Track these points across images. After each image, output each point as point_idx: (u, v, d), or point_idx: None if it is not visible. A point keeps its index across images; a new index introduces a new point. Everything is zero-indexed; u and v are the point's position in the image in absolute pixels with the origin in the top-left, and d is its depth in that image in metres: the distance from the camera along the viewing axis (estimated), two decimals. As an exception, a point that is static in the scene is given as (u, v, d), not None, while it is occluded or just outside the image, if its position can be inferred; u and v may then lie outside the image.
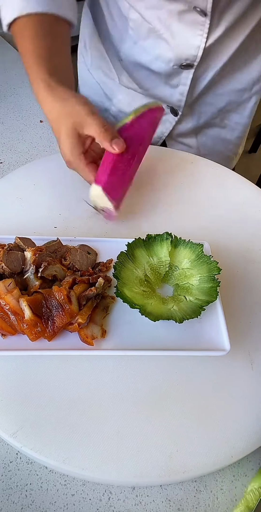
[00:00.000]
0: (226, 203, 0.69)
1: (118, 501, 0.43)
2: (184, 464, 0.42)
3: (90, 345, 0.46)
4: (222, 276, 0.53)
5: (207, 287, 0.51)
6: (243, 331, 0.52)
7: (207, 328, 0.50)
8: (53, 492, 0.44)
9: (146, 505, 0.43)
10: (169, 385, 0.47)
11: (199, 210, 0.67)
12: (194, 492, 0.44)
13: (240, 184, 0.73)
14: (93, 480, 0.43)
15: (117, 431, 0.43)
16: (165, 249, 0.55)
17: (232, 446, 0.43)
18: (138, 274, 0.53)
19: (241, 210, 0.68)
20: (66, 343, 0.47)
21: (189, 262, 0.54)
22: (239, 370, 0.49)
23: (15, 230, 0.59)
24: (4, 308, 0.45)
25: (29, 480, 0.44)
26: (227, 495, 0.44)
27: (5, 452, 0.46)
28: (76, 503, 0.43)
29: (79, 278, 0.50)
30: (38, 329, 0.45)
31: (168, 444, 0.43)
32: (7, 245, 0.52)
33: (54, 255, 0.53)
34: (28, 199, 0.65)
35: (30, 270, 0.50)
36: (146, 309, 0.47)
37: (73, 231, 0.60)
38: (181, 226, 0.63)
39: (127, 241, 0.54)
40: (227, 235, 0.63)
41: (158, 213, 0.65)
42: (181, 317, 0.47)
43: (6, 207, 0.63)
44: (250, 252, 0.62)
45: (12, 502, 0.43)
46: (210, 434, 0.44)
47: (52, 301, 0.46)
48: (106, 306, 0.51)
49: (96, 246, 0.57)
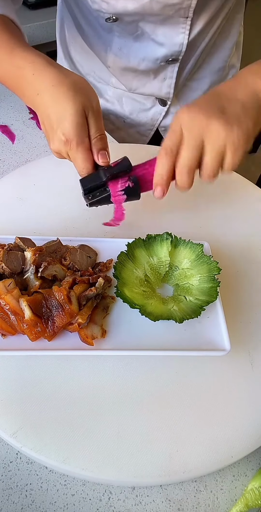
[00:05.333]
0: (226, 203, 0.69)
1: (118, 501, 0.43)
2: (184, 464, 0.42)
3: (90, 345, 0.46)
4: (222, 276, 0.53)
5: (207, 287, 0.51)
6: (243, 331, 0.52)
7: (207, 328, 0.50)
8: (53, 492, 0.43)
9: (146, 505, 0.43)
10: (168, 385, 0.47)
11: (199, 210, 0.67)
12: (194, 492, 0.44)
13: (240, 184, 0.73)
14: (93, 480, 0.43)
15: (117, 431, 0.43)
16: (165, 249, 0.55)
17: (232, 446, 0.43)
18: (138, 274, 0.53)
19: (241, 210, 0.68)
20: (66, 343, 0.47)
21: (189, 262, 0.54)
22: (239, 370, 0.49)
23: (15, 230, 0.59)
24: (4, 308, 0.45)
25: (29, 480, 0.44)
26: (227, 495, 0.44)
27: (5, 452, 0.46)
28: (76, 503, 0.43)
29: (79, 278, 0.50)
30: (38, 329, 0.45)
31: (168, 444, 0.43)
32: (7, 245, 0.52)
33: (54, 255, 0.53)
34: (28, 199, 0.65)
35: (30, 270, 0.50)
36: (146, 309, 0.47)
37: (73, 231, 0.60)
38: (181, 226, 0.63)
39: (127, 241, 0.54)
40: (227, 235, 0.63)
41: (157, 213, 0.65)
42: (181, 317, 0.47)
43: (6, 207, 0.63)
44: (250, 252, 0.62)
45: (12, 502, 0.43)
46: (210, 434, 0.44)
47: (52, 301, 0.46)
48: (106, 306, 0.51)
49: (96, 246, 0.57)
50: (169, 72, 0.80)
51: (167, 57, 0.75)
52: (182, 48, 0.74)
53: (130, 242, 0.54)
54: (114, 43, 0.76)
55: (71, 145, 0.50)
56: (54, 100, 0.50)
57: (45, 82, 0.51)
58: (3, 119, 0.88)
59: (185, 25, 0.71)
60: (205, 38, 0.78)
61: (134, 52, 0.76)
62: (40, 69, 0.51)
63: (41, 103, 0.51)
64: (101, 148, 0.51)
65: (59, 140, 0.51)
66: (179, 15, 0.68)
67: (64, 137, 0.50)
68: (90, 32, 0.80)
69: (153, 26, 0.71)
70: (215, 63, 0.87)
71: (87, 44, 0.84)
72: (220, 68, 0.88)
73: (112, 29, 0.73)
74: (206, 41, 0.78)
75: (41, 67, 0.51)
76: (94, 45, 0.82)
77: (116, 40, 0.76)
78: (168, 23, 0.70)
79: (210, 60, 0.86)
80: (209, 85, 0.89)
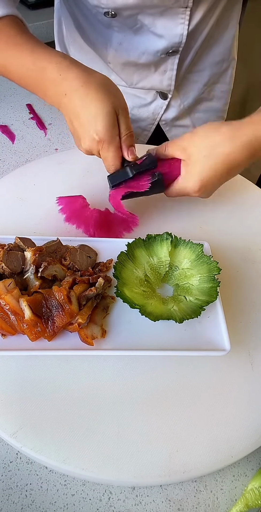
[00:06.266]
0: (226, 203, 0.69)
1: (118, 501, 0.43)
2: (184, 464, 0.42)
3: (90, 345, 0.46)
4: (222, 276, 0.53)
5: (207, 287, 0.51)
6: (243, 331, 0.52)
7: (207, 328, 0.50)
8: (53, 492, 0.43)
9: (146, 505, 0.43)
10: (169, 385, 0.47)
11: (199, 210, 0.67)
12: (194, 492, 0.44)
13: (240, 184, 0.73)
14: (93, 480, 0.43)
15: (117, 431, 0.43)
16: (165, 249, 0.55)
17: (232, 446, 0.43)
18: (138, 274, 0.53)
19: (241, 210, 0.68)
20: (66, 343, 0.47)
21: (189, 262, 0.54)
22: (239, 370, 0.49)
23: (15, 230, 0.59)
24: (4, 308, 0.45)
25: (29, 480, 0.44)
26: (227, 495, 0.44)
27: (5, 452, 0.46)
28: (76, 503, 0.43)
29: (79, 278, 0.50)
30: (38, 329, 0.45)
31: (168, 444, 0.43)
32: (7, 245, 0.52)
33: (54, 255, 0.53)
34: (28, 199, 0.65)
35: (30, 270, 0.50)
36: (146, 309, 0.47)
37: (73, 231, 0.60)
38: (181, 226, 0.63)
39: (128, 241, 0.54)
40: (227, 235, 0.63)
41: (158, 213, 0.65)
42: (181, 317, 0.47)
43: (6, 207, 0.63)
44: (250, 252, 0.62)
45: (12, 502, 0.43)
46: (210, 434, 0.44)
47: (52, 301, 0.46)
48: (106, 306, 0.51)
49: (96, 246, 0.57)
50: (169, 64, 0.80)
51: (167, 49, 0.75)
52: (182, 39, 0.74)
53: (130, 242, 0.54)
54: (114, 38, 0.76)
55: (104, 145, 0.53)
56: (84, 101, 0.52)
57: (72, 83, 0.52)
58: (3, 119, 0.88)
59: (184, 15, 0.71)
60: (205, 29, 0.77)
61: (134, 46, 0.76)
62: (65, 70, 0.52)
63: (69, 103, 0.53)
64: (130, 145, 0.54)
65: (91, 140, 0.53)
66: (179, 5, 0.68)
67: (97, 137, 0.52)
68: (89, 29, 0.80)
69: (152, 18, 0.70)
70: (215, 55, 0.86)
71: (87, 42, 0.84)
72: (220, 60, 0.88)
73: (112, 24, 0.73)
74: (206, 32, 0.78)
75: (66, 68, 0.53)
76: (94, 42, 0.82)
77: (115, 35, 0.75)
78: (167, 14, 0.70)
79: (209, 52, 0.85)
80: (208, 77, 0.89)
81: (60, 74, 0.52)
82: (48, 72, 0.53)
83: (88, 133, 0.53)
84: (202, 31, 0.78)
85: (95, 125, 0.52)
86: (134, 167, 0.55)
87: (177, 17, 0.71)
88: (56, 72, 0.53)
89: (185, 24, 0.72)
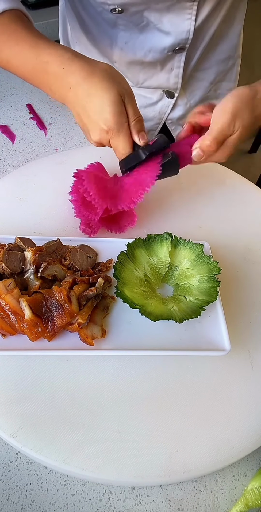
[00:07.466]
0: (226, 203, 0.69)
1: (119, 501, 0.43)
2: (184, 464, 0.42)
3: (90, 345, 0.46)
4: (222, 276, 0.53)
5: (207, 287, 0.51)
6: (243, 331, 0.52)
7: (207, 328, 0.50)
8: (53, 492, 0.44)
9: (146, 505, 0.43)
10: (169, 385, 0.47)
11: (199, 210, 0.67)
12: (194, 492, 0.44)
13: (240, 184, 0.73)
14: (93, 480, 0.43)
15: (117, 431, 0.43)
16: (165, 249, 0.55)
17: (232, 446, 0.43)
18: (138, 274, 0.53)
19: (241, 210, 0.68)
20: (66, 343, 0.47)
21: (189, 262, 0.54)
22: (239, 370, 0.49)
23: (15, 230, 0.59)
24: (4, 308, 0.45)
25: (29, 480, 0.44)
26: (227, 495, 0.44)
27: (5, 452, 0.46)
28: (76, 503, 0.43)
29: (79, 278, 0.50)
30: (38, 329, 0.45)
31: (168, 444, 0.43)
32: (7, 245, 0.52)
33: (54, 255, 0.53)
34: (28, 199, 0.65)
35: (30, 270, 0.50)
36: (146, 309, 0.47)
37: (73, 231, 0.60)
38: (181, 226, 0.63)
39: (128, 241, 0.54)
40: (227, 235, 0.63)
41: (158, 213, 0.65)
42: (181, 317, 0.47)
43: (6, 207, 0.63)
44: (250, 252, 0.62)
45: (12, 502, 0.43)
46: (210, 434, 0.44)
47: (52, 301, 0.46)
48: (106, 306, 0.51)
49: (96, 246, 0.57)
50: (176, 62, 0.79)
51: (174, 45, 0.75)
52: (189, 35, 0.73)
53: (130, 242, 0.54)
54: (120, 37, 0.76)
55: (113, 134, 0.52)
56: (89, 92, 0.51)
57: (76, 75, 0.52)
58: (3, 119, 0.88)
59: (191, 10, 0.70)
60: (212, 25, 0.77)
61: (139, 44, 0.75)
62: (68, 63, 0.52)
63: (75, 96, 0.53)
64: (140, 130, 0.54)
65: (100, 130, 0.53)
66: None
67: (106, 127, 0.52)
68: (94, 28, 0.79)
69: (159, 14, 0.70)
70: (221, 52, 0.85)
71: (92, 42, 0.84)
72: (226, 58, 0.87)
73: (117, 23, 0.73)
74: (213, 28, 0.77)
75: (68, 60, 0.52)
76: (99, 42, 0.81)
77: (121, 34, 0.75)
78: (174, 10, 0.69)
79: (216, 49, 0.84)
80: (215, 75, 0.88)
81: (63, 68, 0.52)
82: (51, 66, 0.53)
83: (97, 124, 0.52)
84: (209, 27, 0.77)
85: (103, 115, 0.51)
86: (146, 148, 0.53)
87: (184, 12, 0.70)
88: (59, 65, 0.52)
89: (192, 20, 0.71)
